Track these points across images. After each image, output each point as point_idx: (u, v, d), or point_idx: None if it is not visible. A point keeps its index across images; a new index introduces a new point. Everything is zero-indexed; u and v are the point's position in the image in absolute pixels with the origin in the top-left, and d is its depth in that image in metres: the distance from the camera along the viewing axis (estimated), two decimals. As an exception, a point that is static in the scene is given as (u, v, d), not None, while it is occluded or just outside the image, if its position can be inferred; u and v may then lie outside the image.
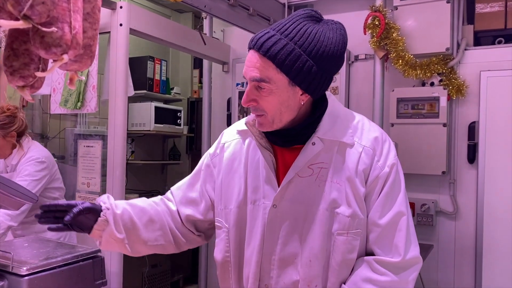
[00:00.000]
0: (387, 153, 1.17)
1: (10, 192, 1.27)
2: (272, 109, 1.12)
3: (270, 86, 1.09)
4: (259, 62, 1.09)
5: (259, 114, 1.14)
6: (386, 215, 1.14)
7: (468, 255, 2.64)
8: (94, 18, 0.60)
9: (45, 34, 0.52)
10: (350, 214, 1.13)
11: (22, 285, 1.29)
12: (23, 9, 0.47)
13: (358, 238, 1.14)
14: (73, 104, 2.48)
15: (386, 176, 1.15)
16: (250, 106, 1.13)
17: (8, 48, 0.58)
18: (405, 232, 1.13)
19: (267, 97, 1.11)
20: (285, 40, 1.08)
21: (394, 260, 1.12)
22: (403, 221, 1.14)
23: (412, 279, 1.14)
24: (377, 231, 1.14)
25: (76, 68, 0.61)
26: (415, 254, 1.15)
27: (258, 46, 1.09)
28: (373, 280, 1.11)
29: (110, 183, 2.32)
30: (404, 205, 1.16)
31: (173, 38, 2.73)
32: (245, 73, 1.13)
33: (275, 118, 1.13)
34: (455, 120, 2.70)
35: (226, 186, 1.29)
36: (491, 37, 2.68)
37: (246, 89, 1.13)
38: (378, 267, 1.12)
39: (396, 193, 1.15)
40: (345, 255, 1.14)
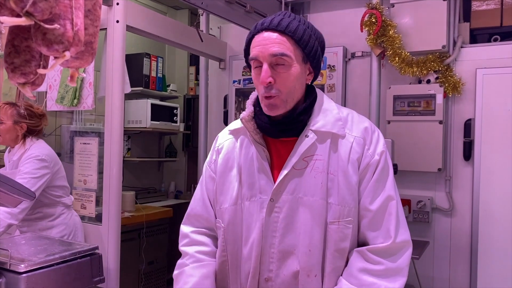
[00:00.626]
0: (377, 142, 1.23)
1: (7, 189, 1.27)
2: (288, 85, 1.17)
3: (289, 61, 1.16)
4: (278, 38, 1.16)
5: (272, 95, 1.17)
6: (376, 200, 1.18)
7: (464, 252, 2.66)
8: (95, 15, 0.60)
9: (47, 31, 0.52)
10: (341, 203, 1.17)
11: (20, 282, 1.29)
12: (25, 6, 0.47)
13: (350, 227, 1.18)
14: (69, 101, 2.48)
15: (376, 163, 1.20)
16: (268, 85, 1.16)
17: (9, 45, 0.58)
18: (395, 215, 1.18)
19: (285, 74, 1.17)
20: (296, 21, 1.18)
21: (386, 244, 1.16)
22: (393, 205, 1.19)
23: (405, 264, 1.18)
24: (368, 216, 1.19)
25: (77, 65, 0.61)
26: (405, 238, 1.19)
27: (274, 25, 1.17)
28: (369, 269, 1.15)
29: (107, 180, 2.32)
30: (393, 190, 1.21)
31: (169, 35, 2.72)
32: (260, 52, 1.16)
33: (289, 97, 1.19)
34: (451, 118, 2.71)
35: (221, 186, 1.31)
36: (487, 35, 2.69)
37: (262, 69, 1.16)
38: (372, 257, 1.16)
39: (385, 179, 1.21)
40: (337, 243, 1.18)
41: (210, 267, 1.30)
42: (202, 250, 1.32)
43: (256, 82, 1.21)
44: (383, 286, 1.14)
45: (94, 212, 2.50)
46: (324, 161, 1.19)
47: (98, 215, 2.46)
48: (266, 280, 1.21)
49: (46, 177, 2.32)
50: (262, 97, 1.20)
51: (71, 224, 2.45)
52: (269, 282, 1.21)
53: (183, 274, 1.29)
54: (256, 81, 1.20)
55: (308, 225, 1.18)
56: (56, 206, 2.42)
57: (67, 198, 2.49)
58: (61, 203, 2.44)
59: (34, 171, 2.27)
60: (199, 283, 1.25)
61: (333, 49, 2.94)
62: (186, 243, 1.35)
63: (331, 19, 3.03)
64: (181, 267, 1.31)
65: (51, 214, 2.40)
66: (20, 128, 2.38)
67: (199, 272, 1.27)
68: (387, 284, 1.14)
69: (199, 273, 1.27)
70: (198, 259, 1.30)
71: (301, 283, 1.19)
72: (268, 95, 1.17)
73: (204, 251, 1.32)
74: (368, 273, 1.15)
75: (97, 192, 2.48)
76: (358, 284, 1.15)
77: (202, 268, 1.28)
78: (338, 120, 1.23)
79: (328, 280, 1.19)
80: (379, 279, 1.15)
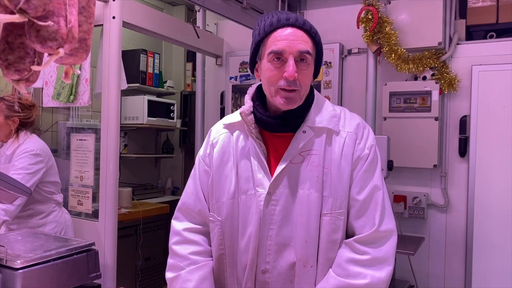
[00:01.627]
0: (367, 137, 1.27)
1: (3, 185, 1.27)
2: (307, 82, 1.23)
3: (310, 59, 1.22)
4: (304, 37, 1.21)
5: (295, 89, 1.20)
6: (364, 191, 1.23)
7: (459, 248, 2.68)
8: (89, 12, 0.60)
9: (40, 28, 0.52)
10: (333, 196, 1.21)
11: (16, 278, 1.29)
12: (19, 3, 0.48)
13: (341, 218, 1.21)
14: (65, 97, 2.47)
15: (366, 156, 1.25)
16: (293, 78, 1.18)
17: (3, 41, 0.58)
18: (381, 205, 1.22)
19: (306, 71, 1.21)
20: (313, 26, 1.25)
21: (370, 231, 1.19)
22: (379, 195, 1.23)
23: (391, 253, 1.21)
24: (356, 206, 1.22)
25: (71, 62, 0.61)
26: (390, 227, 1.22)
27: (300, 23, 1.21)
28: (355, 260, 1.18)
29: (104, 176, 2.32)
30: (380, 180, 1.25)
31: (166, 31, 2.72)
32: (288, 47, 1.19)
33: (304, 93, 1.24)
34: (447, 114, 2.72)
35: (217, 180, 1.31)
36: (483, 32, 2.70)
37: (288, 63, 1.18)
38: (358, 247, 1.19)
39: (372, 170, 1.25)
40: (330, 235, 1.21)
41: (207, 268, 1.30)
42: (196, 251, 1.31)
43: (272, 74, 1.21)
44: (369, 275, 1.17)
45: (90, 209, 2.50)
46: (320, 156, 1.23)
47: (94, 211, 2.47)
48: (263, 272, 1.23)
49: (41, 172, 2.31)
50: (279, 90, 1.20)
51: (62, 222, 2.45)
52: (266, 273, 1.23)
53: (179, 279, 1.28)
54: (273, 73, 1.20)
55: (304, 217, 1.21)
56: (48, 203, 2.41)
57: (58, 195, 2.48)
58: (52, 200, 2.43)
59: (29, 166, 2.26)
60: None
61: (330, 45, 2.94)
62: (177, 241, 1.34)
63: (328, 16, 3.03)
64: (176, 270, 1.30)
65: (42, 211, 2.38)
66: (12, 122, 2.36)
67: (196, 275, 1.27)
68: (374, 273, 1.17)
69: (196, 276, 1.27)
70: (193, 261, 1.29)
71: (297, 273, 1.21)
72: (291, 89, 1.19)
73: (198, 251, 1.31)
74: (355, 263, 1.18)
75: (93, 188, 2.48)
76: (345, 274, 1.18)
77: (199, 270, 1.28)
78: (333, 117, 1.27)
79: (321, 271, 1.22)
80: (365, 269, 1.18)
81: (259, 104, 1.28)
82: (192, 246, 1.32)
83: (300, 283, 1.21)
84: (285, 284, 1.22)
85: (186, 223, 1.35)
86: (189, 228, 1.34)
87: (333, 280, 1.18)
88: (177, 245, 1.33)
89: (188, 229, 1.34)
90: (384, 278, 1.18)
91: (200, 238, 1.33)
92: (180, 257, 1.30)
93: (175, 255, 1.32)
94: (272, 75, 1.21)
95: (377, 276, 1.17)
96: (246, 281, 1.24)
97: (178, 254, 1.31)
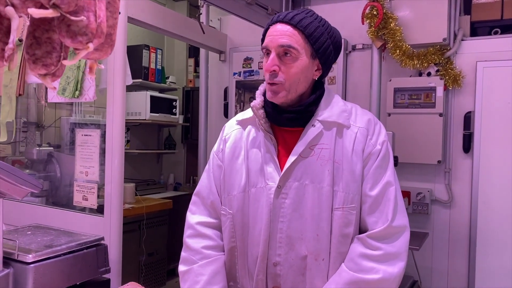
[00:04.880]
0: (379, 133, 1.28)
1: (15, 180, 1.28)
2: (292, 76, 1.22)
3: (296, 54, 1.21)
4: (289, 31, 1.22)
5: (276, 83, 1.22)
6: (376, 186, 1.23)
7: (462, 243, 2.69)
8: (114, 7, 0.61)
9: (71, 23, 0.53)
10: (346, 190, 1.22)
11: (28, 272, 1.30)
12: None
13: (353, 213, 1.22)
14: (71, 93, 2.47)
15: (378, 152, 1.25)
16: (272, 72, 1.21)
17: (30, 36, 0.58)
18: (393, 201, 1.22)
19: (290, 64, 1.21)
20: (311, 18, 1.23)
21: (383, 227, 1.20)
22: (392, 191, 1.23)
23: (404, 249, 1.23)
24: (368, 202, 1.23)
25: (96, 57, 0.62)
26: (402, 223, 1.23)
27: (288, 18, 1.22)
28: (368, 255, 1.19)
29: (109, 172, 2.32)
30: (392, 176, 1.26)
31: (170, 26, 2.71)
32: (270, 42, 1.22)
33: (292, 87, 1.23)
34: (451, 110, 2.73)
35: (228, 174, 1.33)
36: (488, 28, 2.70)
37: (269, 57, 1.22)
38: (371, 242, 1.20)
39: (385, 167, 1.26)
40: (342, 229, 1.22)
41: (219, 262, 1.31)
42: (208, 245, 1.33)
43: (264, 68, 1.26)
44: (381, 270, 1.18)
45: (96, 204, 2.50)
46: (330, 150, 1.24)
47: (99, 206, 2.47)
48: (274, 265, 1.24)
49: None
50: (267, 84, 1.25)
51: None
52: (278, 266, 1.24)
53: (191, 272, 1.30)
54: (264, 68, 1.25)
55: (315, 211, 1.22)
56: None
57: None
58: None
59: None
60: (210, 282, 1.27)
61: (334, 41, 2.94)
62: (191, 234, 1.36)
63: (332, 11, 3.03)
64: (188, 264, 1.32)
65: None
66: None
67: (209, 270, 1.29)
68: (386, 268, 1.19)
69: (209, 270, 1.29)
70: (205, 255, 1.31)
71: (309, 266, 1.23)
72: (271, 82, 1.22)
73: (210, 246, 1.33)
74: (367, 259, 1.19)
75: (99, 184, 2.48)
76: (358, 269, 1.19)
77: (211, 264, 1.30)
78: (343, 112, 1.29)
79: (333, 264, 1.23)
80: (378, 264, 1.19)
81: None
82: (204, 240, 1.33)
83: (311, 276, 1.22)
84: (296, 277, 1.23)
85: (200, 216, 1.37)
86: (202, 222, 1.35)
87: (346, 274, 1.19)
88: (190, 239, 1.34)
89: (201, 223, 1.35)
90: (397, 274, 1.19)
91: (212, 232, 1.35)
92: (193, 250, 1.32)
93: (188, 248, 1.34)
94: (264, 69, 1.26)
95: (390, 272, 1.18)
96: (258, 273, 1.26)
97: (191, 248, 1.33)
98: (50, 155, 3.18)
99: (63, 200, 2.95)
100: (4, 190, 1.25)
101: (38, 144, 3.34)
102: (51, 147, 3.29)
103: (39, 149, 3.17)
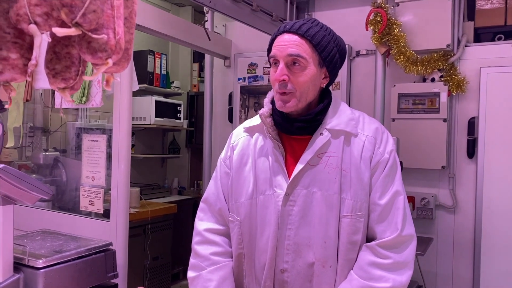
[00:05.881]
0: (386, 141, 1.30)
1: (26, 186, 1.30)
2: (302, 85, 1.24)
3: (304, 63, 1.22)
4: (297, 40, 1.24)
5: (287, 92, 1.23)
6: (385, 195, 1.25)
7: (467, 249, 2.69)
8: (131, 23, 0.63)
9: (92, 40, 0.55)
10: (354, 198, 1.23)
11: (38, 277, 1.32)
12: (75, 17, 0.50)
13: (362, 220, 1.24)
14: (78, 99, 2.50)
15: (386, 161, 1.27)
16: (281, 82, 1.22)
17: (50, 51, 0.60)
18: (402, 210, 1.24)
19: (299, 73, 1.23)
20: (317, 27, 1.25)
21: (392, 236, 1.22)
22: (400, 200, 1.25)
23: (412, 258, 1.25)
24: (378, 210, 1.25)
25: (113, 70, 0.64)
26: (411, 232, 1.26)
27: (295, 28, 1.24)
28: (378, 263, 1.21)
29: (115, 176, 2.34)
30: (401, 186, 1.28)
31: (176, 32, 2.74)
32: (278, 52, 1.24)
33: (302, 96, 1.25)
34: (455, 116, 2.74)
35: (236, 181, 1.35)
36: (491, 34, 2.71)
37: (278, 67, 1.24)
38: (380, 251, 1.21)
39: (393, 175, 1.27)
40: (350, 236, 1.23)
41: (227, 268, 1.33)
42: (216, 251, 1.35)
43: (272, 78, 1.27)
44: (391, 279, 1.20)
45: (102, 209, 2.52)
46: (338, 158, 1.25)
47: (105, 211, 2.49)
48: (282, 271, 1.26)
49: None
50: (276, 93, 1.26)
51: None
52: (285, 273, 1.25)
53: (200, 278, 1.32)
54: (272, 77, 1.27)
55: (323, 218, 1.23)
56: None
57: None
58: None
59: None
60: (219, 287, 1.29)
61: (338, 47, 2.96)
62: (199, 241, 1.38)
63: (336, 18, 3.05)
64: (197, 270, 1.34)
65: None
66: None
67: (217, 275, 1.30)
68: (395, 277, 1.20)
69: (217, 276, 1.30)
70: (214, 261, 1.33)
71: (316, 273, 1.24)
72: (282, 92, 1.23)
73: (218, 252, 1.35)
74: (377, 267, 1.21)
75: (105, 188, 2.50)
76: (368, 277, 1.20)
77: (220, 270, 1.32)
78: (351, 120, 1.30)
79: (341, 271, 1.24)
80: (387, 273, 1.20)
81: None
82: (213, 246, 1.35)
83: (319, 283, 1.24)
84: (304, 284, 1.24)
85: (208, 223, 1.38)
86: (210, 229, 1.37)
87: (357, 282, 1.20)
88: (199, 245, 1.36)
89: (209, 229, 1.37)
90: (406, 282, 1.21)
91: (220, 239, 1.36)
92: (201, 257, 1.33)
93: (196, 255, 1.35)
94: (272, 79, 1.27)
95: (399, 280, 1.20)
96: (265, 280, 1.27)
97: (199, 254, 1.34)
98: (56, 160, 3.21)
99: (69, 205, 2.97)
100: (16, 196, 1.28)
101: (44, 149, 3.37)
102: (57, 152, 3.32)
103: (45, 154, 3.20)
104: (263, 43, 3.27)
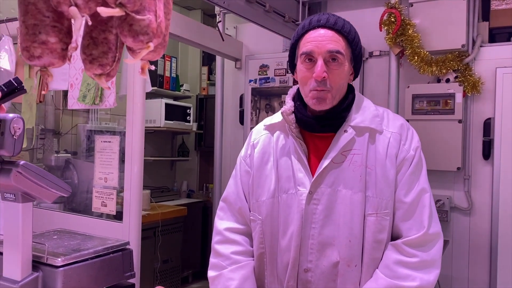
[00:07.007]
0: (412, 138, 1.27)
1: (46, 183, 1.29)
2: (339, 82, 1.22)
3: (342, 59, 1.21)
4: (334, 36, 1.21)
5: (324, 89, 1.21)
6: (411, 193, 1.22)
7: (483, 251, 2.66)
8: (168, 9, 0.62)
9: (134, 22, 0.53)
10: (379, 196, 1.20)
11: (57, 276, 1.30)
12: (119, -3, 0.49)
13: (387, 219, 1.21)
14: (91, 100, 2.49)
15: (411, 158, 1.24)
16: (322, 79, 1.20)
17: (87, 37, 0.59)
18: (428, 208, 1.21)
19: (337, 70, 1.21)
20: (348, 23, 1.25)
21: (419, 234, 1.19)
22: (426, 197, 1.22)
23: (439, 256, 1.22)
24: (403, 208, 1.22)
25: (149, 57, 0.62)
26: (437, 230, 1.23)
27: (331, 23, 1.22)
28: (404, 262, 1.18)
29: (128, 178, 2.33)
30: (427, 183, 1.25)
31: (188, 34, 2.74)
32: (316, 48, 1.21)
33: (337, 94, 1.23)
34: (471, 117, 2.71)
35: (257, 179, 1.33)
36: (506, 34, 2.69)
37: (317, 64, 1.20)
38: (407, 249, 1.19)
39: (418, 173, 1.24)
40: (375, 234, 1.21)
41: (249, 267, 1.31)
42: (237, 251, 1.33)
43: (304, 75, 1.23)
44: (418, 278, 1.17)
45: (114, 210, 2.51)
46: (363, 155, 1.23)
47: (118, 212, 2.48)
48: (305, 271, 1.23)
49: None
50: (310, 91, 1.22)
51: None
52: (309, 272, 1.23)
53: (221, 277, 1.29)
54: (305, 74, 1.23)
55: (347, 216, 1.21)
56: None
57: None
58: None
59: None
60: (240, 286, 1.27)
61: (351, 48, 2.94)
62: (219, 240, 1.36)
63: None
64: (218, 269, 1.31)
65: None
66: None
67: (239, 274, 1.28)
68: (423, 276, 1.17)
69: (239, 275, 1.28)
70: (235, 260, 1.31)
71: (341, 273, 1.21)
72: (321, 89, 1.21)
73: (239, 251, 1.33)
74: (403, 266, 1.18)
75: (118, 190, 2.50)
76: (394, 276, 1.18)
77: (241, 269, 1.29)
78: (375, 117, 1.27)
79: (366, 270, 1.22)
80: (414, 271, 1.17)
81: (300, 105, 1.29)
82: (233, 246, 1.33)
83: (343, 283, 1.21)
84: (328, 284, 1.22)
85: (228, 222, 1.36)
86: (230, 228, 1.35)
87: (383, 281, 1.17)
88: (219, 245, 1.34)
89: (229, 228, 1.35)
90: (433, 282, 1.18)
91: (241, 238, 1.34)
92: (222, 256, 1.31)
93: (217, 254, 1.33)
94: (304, 76, 1.24)
95: (426, 279, 1.17)
96: (289, 279, 1.24)
97: (220, 254, 1.32)
98: (68, 161, 3.21)
99: (81, 207, 2.97)
100: (36, 193, 1.27)
101: (56, 151, 3.37)
102: (68, 154, 3.32)
103: (57, 155, 3.20)
104: (274, 45, 3.30)
